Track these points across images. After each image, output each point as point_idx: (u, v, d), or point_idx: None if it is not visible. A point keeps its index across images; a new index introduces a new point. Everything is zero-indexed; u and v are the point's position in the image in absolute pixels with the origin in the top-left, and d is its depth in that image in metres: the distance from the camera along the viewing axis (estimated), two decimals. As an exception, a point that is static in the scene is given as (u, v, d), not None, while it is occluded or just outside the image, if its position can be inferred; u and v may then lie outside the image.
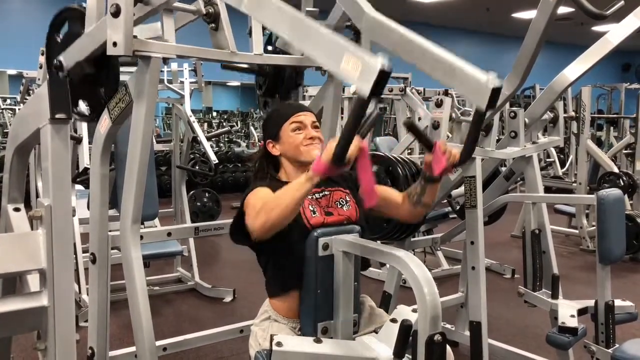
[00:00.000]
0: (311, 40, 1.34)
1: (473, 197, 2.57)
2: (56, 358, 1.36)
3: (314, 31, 1.33)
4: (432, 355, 1.41)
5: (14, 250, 1.34)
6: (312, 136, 1.92)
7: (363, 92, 1.22)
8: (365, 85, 1.22)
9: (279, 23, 1.41)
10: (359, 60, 1.23)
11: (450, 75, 1.43)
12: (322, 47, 1.32)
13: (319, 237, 1.74)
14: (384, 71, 1.19)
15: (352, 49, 1.25)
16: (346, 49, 1.26)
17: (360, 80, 1.23)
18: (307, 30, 1.35)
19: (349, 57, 1.24)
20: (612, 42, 2.42)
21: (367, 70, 1.21)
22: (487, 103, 1.36)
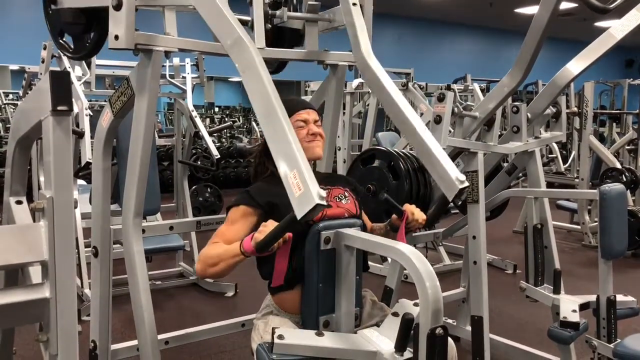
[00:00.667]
0: (277, 136, 1.44)
1: (475, 192, 2.57)
2: (58, 349, 1.36)
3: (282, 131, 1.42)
4: (434, 349, 1.41)
5: (16, 242, 1.34)
6: (314, 132, 1.93)
7: (296, 213, 1.35)
8: (299, 210, 1.34)
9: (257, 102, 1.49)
10: (303, 185, 1.34)
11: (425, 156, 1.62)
12: (282, 149, 1.42)
13: (320, 231, 1.74)
14: (318, 205, 1.31)
15: (303, 171, 1.35)
16: (298, 166, 1.36)
17: (297, 201, 1.34)
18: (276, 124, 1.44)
19: (297, 175, 1.35)
20: (615, 37, 2.41)
21: (305, 199, 1.33)
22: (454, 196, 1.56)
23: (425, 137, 1.53)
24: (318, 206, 1.31)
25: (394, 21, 11.56)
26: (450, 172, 1.51)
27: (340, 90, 2.42)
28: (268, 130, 1.46)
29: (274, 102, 1.45)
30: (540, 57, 2.35)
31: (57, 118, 1.35)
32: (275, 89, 1.49)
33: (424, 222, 1.96)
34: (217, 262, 1.76)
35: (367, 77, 1.78)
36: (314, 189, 1.32)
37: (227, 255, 1.75)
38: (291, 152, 1.39)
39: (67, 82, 1.37)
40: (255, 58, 1.49)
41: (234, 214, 1.88)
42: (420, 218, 1.94)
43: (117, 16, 1.70)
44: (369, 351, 1.61)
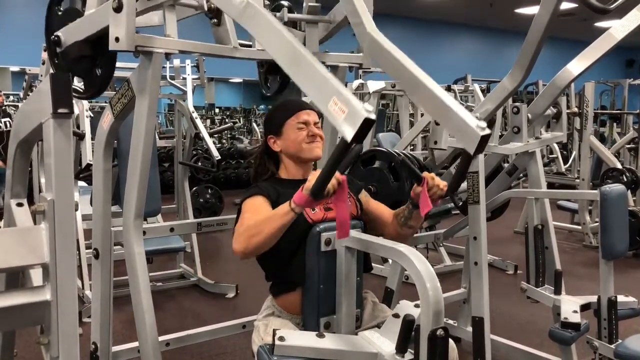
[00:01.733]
0: (304, 73, 1.37)
1: (476, 192, 2.57)
2: (59, 352, 1.36)
3: (309, 66, 1.35)
4: (435, 350, 1.41)
5: (17, 244, 1.34)
6: (315, 134, 1.93)
7: (346, 136, 1.25)
8: (349, 131, 1.24)
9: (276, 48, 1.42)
10: (346, 106, 1.26)
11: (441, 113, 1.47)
12: (314, 83, 1.34)
13: (321, 233, 1.74)
14: (368, 120, 1.22)
15: (342, 93, 1.27)
16: (336, 92, 1.28)
17: (345, 124, 1.25)
18: (302, 62, 1.37)
19: (337, 100, 1.27)
20: (616, 37, 2.41)
21: (352, 117, 1.24)
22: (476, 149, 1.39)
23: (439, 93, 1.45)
24: (368, 120, 1.22)
25: (394, 21, 11.57)
26: (469, 121, 1.37)
27: (341, 91, 2.42)
28: (296, 72, 1.38)
29: (293, 41, 1.39)
30: (540, 57, 2.35)
31: (58, 120, 1.35)
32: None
33: (446, 188, 1.80)
34: (260, 230, 1.66)
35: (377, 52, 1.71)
36: (358, 105, 1.24)
37: (273, 217, 1.66)
38: (324, 81, 1.31)
39: (67, 85, 1.37)
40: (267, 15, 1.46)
41: (252, 203, 1.83)
42: (441, 184, 1.79)
43: (117, 18, 1.71)
44: (370, 353, 1.61)
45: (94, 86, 2.00)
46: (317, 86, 1.33)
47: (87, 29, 1.86)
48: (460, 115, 1.41)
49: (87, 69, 1.97)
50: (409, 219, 1.90)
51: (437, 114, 1.50)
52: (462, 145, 1.46)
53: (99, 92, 2.04)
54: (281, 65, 1.42)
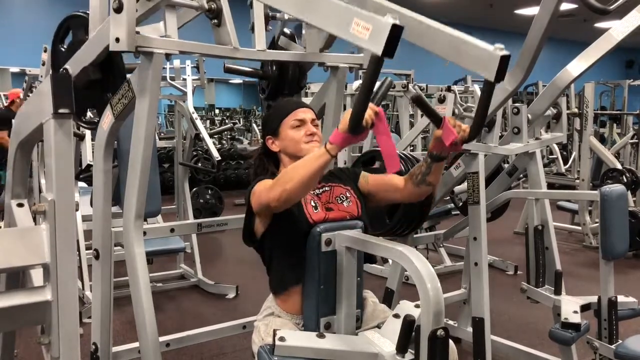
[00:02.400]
0: (317, 8, 1.31)
1: (476, 193, 2.57)
2: (60, 352, 1.36)
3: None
4: (435, 350, 1.41)
5: (18, 245, 1.35)
6: (312, 132, 1.92)
7: (376, 52, 1.19)
8: (378, 45, 1.18)
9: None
10: (369, 22, 1.20)
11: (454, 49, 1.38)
12: (330, 14, 1.29)
13: (321, 233, 1.74)
14: (395, 26, 1.16)
15: (361, 12, 1.22)
16: (355, 13, 1.23)
17: (372, 41, 1.20)
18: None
19: (359, 20, 1.21)
20: (616, 38, 2.41)
21: (378, 30, 1.18)
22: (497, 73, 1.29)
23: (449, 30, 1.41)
24: (396, 26, 1.16)
25: (394, 22, 11.55)
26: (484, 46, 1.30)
27: (340, 92, 2.42)
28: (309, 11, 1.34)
29: None
30: (540, 58, 2.35)
31: (59, 121, 1.35)
32: None
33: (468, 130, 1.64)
34: (294, 175, 1.59)
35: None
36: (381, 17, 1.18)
37: (308, 160, 1.59)
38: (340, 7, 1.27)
39: (68, 85, 1.37)
40: None
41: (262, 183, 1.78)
42: (463, 125, 1.66)
43: (117, 19, 1.71)
44: (370, 353, 1.60)
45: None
46: (334, 16, 1.28)
47: (93, 50, 1.86)
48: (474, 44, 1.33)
49: (98, 95, 1.96)
50: (427, 174, 1.83)
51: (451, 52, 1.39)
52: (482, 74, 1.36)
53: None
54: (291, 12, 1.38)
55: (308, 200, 1.83)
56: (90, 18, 1.86)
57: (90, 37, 1.87)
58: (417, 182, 1.87)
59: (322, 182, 1.91)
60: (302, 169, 1.60)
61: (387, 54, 1.20)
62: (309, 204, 1.83)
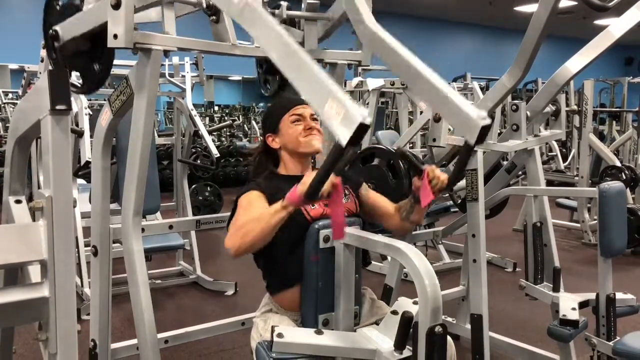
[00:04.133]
0: (300, 74, 1.36)
1: (474, 190, 2.57)
2: (57, 348, 1.36)
3: (305, 66, 1.35)
4: (433, 347, 1.41)
5: (15, 241, 1.34)
6: (311, 127, 1.93)
7: (341, 140, 1.25)
8: (344, 134, 1.24)
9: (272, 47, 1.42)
10: (342, 109, 1.25)
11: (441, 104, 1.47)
12: (310, 84, 1.33)
13: (320, 229, 1.74)
14: (363, 124, 1.21)
15: (338, 95, 1.26)
16: (332, 93, 1.27)
17: (340, 127, 1.25)
18: (299, 63, 1.36)
19: (333, 102, 1.26)
20: (615, 35, 2.41)
21: (348, 121, 1.23)
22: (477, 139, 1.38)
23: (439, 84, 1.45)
24: (363, 126, 1.21)
25: (393, 20, 11.55)
26: (469, 111, 1.38)
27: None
28: (293, 73, 1.38)
29: (291, 42, 1.38)
30: (539, 55, 2.35)
31: (56, 117, 1.35)
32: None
33: (447, 180, 1.78)
34: (253, 228, 1.66)
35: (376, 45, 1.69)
36: (355, 110, 1.23)
37: (265, 215, 1.65)
38: (321, 83, 1.30)
39: (65, 81, 1.37)
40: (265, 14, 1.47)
41: (247, 199, 1.84)
42: (442, 176, 1.78)
43: (115, 15, 1.70)
44: (369, 349, 1.61)
45: (92, 81, 2.00)
46: (313, 87, 1.32)
47: (86, 25, 1.85)
48: (460, 106, 1.40)
49: (85, 64, 1.96)
50: (411, 213, 1.93)
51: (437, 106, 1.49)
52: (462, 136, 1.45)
53: (97, 87, 2.04)
54: (278, 66, 1.41)
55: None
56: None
57: (85, 10, 1.86)
58: (403, 217, 1.97)
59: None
60: (259, 223, 1.65)
61: (351, 145, 1.25)
62: (307, 200, 1.83)
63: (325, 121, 1.29)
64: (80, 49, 1.92)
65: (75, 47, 1.92)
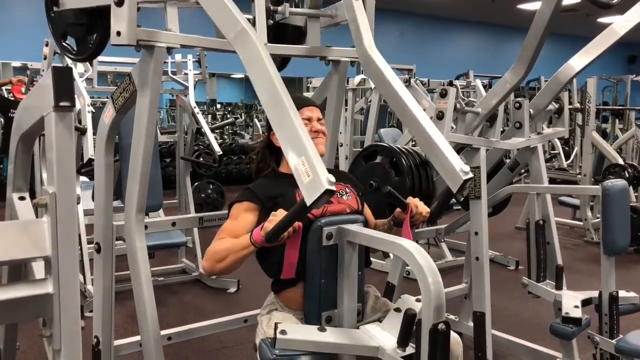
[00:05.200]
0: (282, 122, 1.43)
1: (477, 188, 2.57)
2: (61, 345, 1.37)
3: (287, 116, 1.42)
4: (436, 344, 1.41)
5: (19, 237, 1.35)
6: (317, 130, 1.93)
7: (306, 200, 1.34)
8: (309, 197, 1.34)
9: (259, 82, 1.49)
10: (312, 172, 1.34)
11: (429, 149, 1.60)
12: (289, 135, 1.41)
13: (323, 227, 1.74)
14: (328, 190, 1.31)
15: (311, 157, 1.35)
16: (306, 153, 1.36)
17: (307, 188, 1.34)
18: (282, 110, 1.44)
19: (305, 162, 1.35)
20: (618, 33, 2.41)
21: (315, 184, 1.33)
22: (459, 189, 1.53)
23: (429, 129, 1.52)
24: (327, 192, 1.31)
25: (396, 17, 11.54)
26: (455, 163, 1.50)
27: (342, 86, 2.42)
28: (275, 121, 1.46)
29: (280, 92, 1.44)
30: (542, 53, 2.35)
31: (60, 114, 1.35)
32: (281, 80, 1.49)
33: (428, 215, 1.91)
34: (225, 257, 1.76)
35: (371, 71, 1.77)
36: (322, 175, 1.32)
37: (235, 248, 1.75)
38: (299, 140, 1.38)
39: (69, 78, 1.37)
40: (260, 49, 1.49)
41: (237, 210, 1.89)
42: (424, 211, 1.89)
43: (119, 12, 1.70)
44: (372, 346, 1.61)
45: (85, 52, 2.03)
46: (291, 139, 1.40)
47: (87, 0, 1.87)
48: (446, 156, 1.53)
49: (82, 33, 1.99)
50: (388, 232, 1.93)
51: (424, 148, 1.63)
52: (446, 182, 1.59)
53: (92, 57, 2.07)
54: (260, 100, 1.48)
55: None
56: None
57: None
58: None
59: None
60: (231, 255, 1.76)
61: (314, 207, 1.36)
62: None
63: (294, 174, 1.37)
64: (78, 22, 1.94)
65: (74, 19, 1.95)
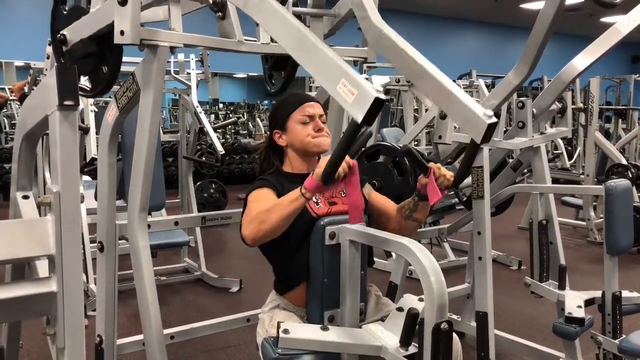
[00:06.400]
0: (312, 57, 1.36)
1: (480, 187, 2.56)
2: (65, 343, 1.37)
3: (316, 49, 1.35)
4: (439, 344, 1.41)
5: (23, 236, 1.35)
6: (320, 127, 1.92)
7: (356, 118, 1.24)
8: (359, 112, 1.24)
9: (282, 33, 1.42)
10: (355, 87, 1.25)
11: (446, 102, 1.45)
12: (321, 67, 1.33)
13: (325, 226, 1.74)
14: (378, 99, 1.21)
15: (350, 75, 1.27)
16: (344, 73, 1.27)
17: (354, 106, 1.25)
18: (310, 46, 1.36)
19: (346, 82, 1.27)
20: (621, 32, 2.40)
21: (362, 98, 1.23)
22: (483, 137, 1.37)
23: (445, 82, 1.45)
24: (377, 100, 1.21)
25: (398, 17, 11.53)
26: (475, 109, 1.37)
27: (345, 86, 2.41)
28: (304, 56, 1.38)
29: (299, 27, 1.38)
30: (545, 52, 2.34)
31: (64, 113, 1.35)
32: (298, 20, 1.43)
33: (452, 178, 1.77)
34: (269, 216, 1.65)
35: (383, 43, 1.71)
36: (367, 86, 1.23)
37: (282, 204, 1.65)
38: (332, 65, 1.31)
39: (73, 77, 1.37)
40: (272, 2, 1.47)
41: (257, 194, 1.83)
42: (448, 174, 1.77)
43: (122, 11, 1.71)
44: (374, 346, 1.61)
45: (100, 84, 2.00)
46: (325, 69, 1.32)
47: (93, 26, 1.86)
48: (466, 104, 1.39)
49: (93, 66, 1.97)
50: (414, 211, 1.90)
51: (443, 104, 1.48)
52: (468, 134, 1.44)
53: (106, 90, 2.04)
54: (288, 50, 1.41)
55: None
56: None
57: (92, 11, 1.87)
58: (405, 216, 1.93)
59: None
60: (277, 211, 1.65)
61: (367, 122, 1.25)
62: (311, 200, 1.83)
63: (339, 101, 1.28)
64: (87, 51, 1.92)
65: (83, 49, 1.92)
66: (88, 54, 1.93)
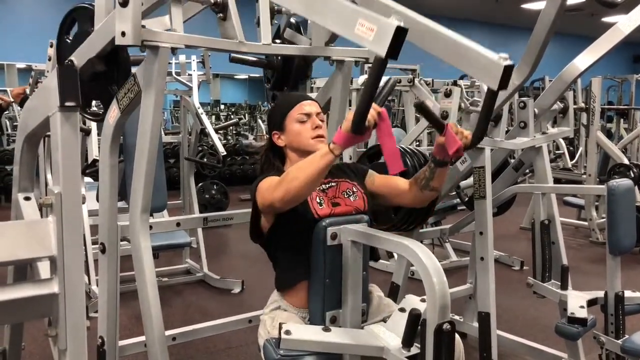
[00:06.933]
0: (324, 9, 1.32)
1: (482, 187, 2.56)
2: (67, 344, 1.37)
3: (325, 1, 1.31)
4: (441, 344, 1.41)
5: (25, 237, 1.35)
6: (318, 125, 1.92)
7: (379, 53, 1.20)
8: (382, 47, 1.19)
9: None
10: (374, 23, 1.20)
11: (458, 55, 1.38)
12: (335, 13, 1.29)
13: (327, 227, 1.74)
14: (400, 28, 1.17)
15: (366, 13, 1.22)
16: (360, 13, 1.23)
17: (376, 42, 1.20)
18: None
19: (363, 21, 1.22)
20: (623, 32, 2.40)
21: (383, 31, 1.19)
22: (500, 82, 1.28)
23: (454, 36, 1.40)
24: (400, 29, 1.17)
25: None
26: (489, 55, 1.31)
27: (346, 86, 2.41)
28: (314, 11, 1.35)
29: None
30: (547, 52, 2.34)
31: (65, 114, 1.36)
32: None
33: (470, 136, 1.67)
34: (299, 174, 1.59)
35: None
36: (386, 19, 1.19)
37: (312, 160, 1.58)
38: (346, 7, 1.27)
39: (74, 78, 1.37)
40: None
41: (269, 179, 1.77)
42: (465, 131, 1.67)
43: (123, 13, 1.71)
44: (376, 346, 1.61)
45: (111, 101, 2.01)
46: (340, 16, 1.29)
47: (99, 43, 1.86)
48: (478, 51, 1.33)
49: (102, 87, 1.96)
50: (431, 179, 1.83)
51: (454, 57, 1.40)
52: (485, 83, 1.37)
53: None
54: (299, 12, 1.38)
55: (313, 196, 1.83)
56: (96, 10, 1.86)
57: (96, 29, 1.87)
58: (421, 186, 1.87)
59: (329, 178, 1.90)
60: (305, 169, 1.60)
61: (391, 55, 1.21)
62: (314, 200, 1.82)
63: (359, 42, 1.25)
64: (96, 71, 1.91)
65: (91, 69, 1.91)
66: (96, 74, 1.92)
